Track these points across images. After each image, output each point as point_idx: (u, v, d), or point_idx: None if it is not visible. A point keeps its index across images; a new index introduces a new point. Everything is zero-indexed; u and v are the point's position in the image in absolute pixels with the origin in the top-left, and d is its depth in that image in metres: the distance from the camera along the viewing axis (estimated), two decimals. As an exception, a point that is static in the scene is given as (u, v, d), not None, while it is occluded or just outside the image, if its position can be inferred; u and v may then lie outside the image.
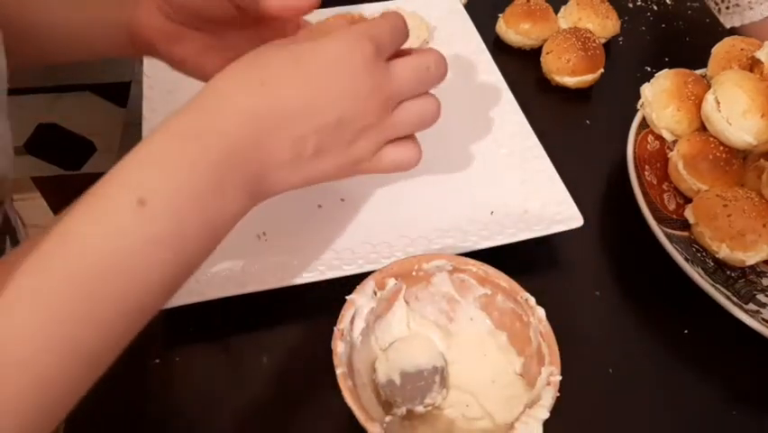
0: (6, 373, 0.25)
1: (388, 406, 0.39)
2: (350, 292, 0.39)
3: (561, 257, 0.51)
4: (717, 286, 0.46)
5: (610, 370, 0.45)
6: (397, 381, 0.39)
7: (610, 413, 0.43)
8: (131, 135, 0.57)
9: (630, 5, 0.76)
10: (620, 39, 0.71)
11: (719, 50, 0.59)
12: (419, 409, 0.38)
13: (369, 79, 0.33)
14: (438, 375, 0.40)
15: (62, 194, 0.87)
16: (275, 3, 0.38)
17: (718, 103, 0.51)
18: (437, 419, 0.40)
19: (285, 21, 0.41)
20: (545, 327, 0.38)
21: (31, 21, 0.42)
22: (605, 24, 0.68)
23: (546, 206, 0.51)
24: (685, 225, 0.51)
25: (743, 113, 0.50)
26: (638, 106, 0.57)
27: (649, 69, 0.67)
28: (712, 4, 0.77)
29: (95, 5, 0.43)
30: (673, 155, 0.54)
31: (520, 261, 0.44)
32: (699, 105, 0.54)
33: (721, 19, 0.76)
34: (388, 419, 0.37)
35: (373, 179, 0.54)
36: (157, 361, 0.43)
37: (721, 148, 0.52)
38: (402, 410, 0.38)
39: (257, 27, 0.42)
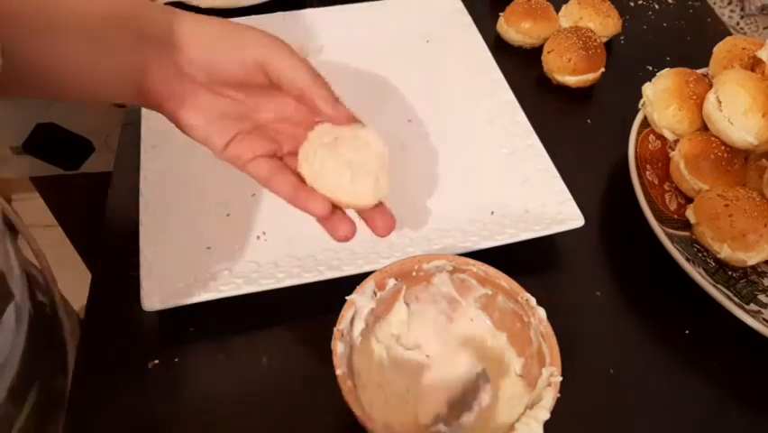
0: None
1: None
2: (350, 292, 0.39)
3: (561, 257, 0.51)
4: (719, 286, 0.46)
5: (611, 370, 0.45)
6: (444, 410, 0.39)
7: (611, 414, 0.43)
8: (129, 134, 0.57)
9: (631, 4, 0.76)
10: (621, 38, 0.71)
11: (721, 49, 0.59)
12: (473, 415, 0.38)
13: None
14: (482, 379, 0.40)
15: (61, 194, 0.87)
16: (329, 110, 0.37)
17: (720, 102, 0.51)
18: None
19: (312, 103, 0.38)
20: (546, 327, 0.38)
21: (37, 57, 0.35)
22: (606, 23, 0.68)
23: (547, 205, 0.50)
24: (686, 225, 0.51)
25: (744, 112, 0.50)
26: (639, 106, 0.57)
27: (650, 68, 0.67)
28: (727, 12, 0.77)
29: (109, 47, 0.36)
30: (675, 155, 0.54)
31: (521, 261, 0.44)
32: (700, 104, 0.54)
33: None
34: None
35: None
36: (156, 361, 0.43)
37: (723, 148, 0.52)
38: (468, 419, 0.38)
39: (282, 101, 0.40)
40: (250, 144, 0.38)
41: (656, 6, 0.76)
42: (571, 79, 0.63)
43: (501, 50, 0.68)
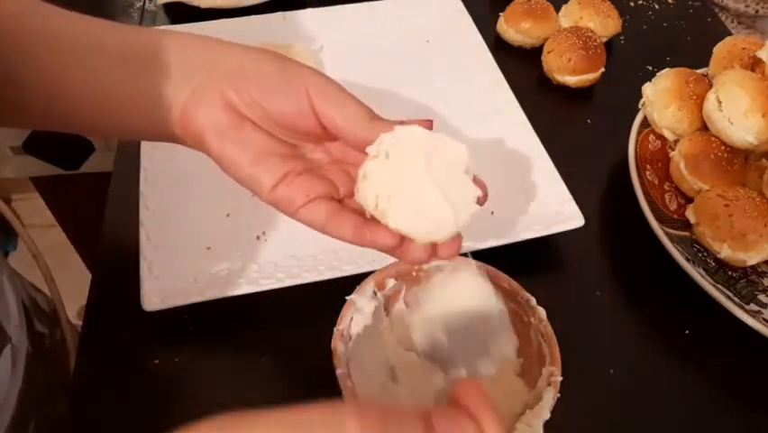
0: None
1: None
2: (350, 292, 0.39)
3: (561, 257, 0.51)
4: (719, 286, 0.46)
5: (611, 370, 0.45)
6: (445, 341, 0.29)
7: (611, 414, 0.43)
8: (130, 135, 0.57)
9: (632, 4, 0.76)
10: (621, 38, 0.71)
11: (721, 49, 0.59)
12: (487, 369, 0.29)
13: None
14: (502, 320, 0.30)
15: (61, 194, 0.87)
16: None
17: (720, 102, 0.51)
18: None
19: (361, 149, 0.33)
20: (546, 327, 0.38)
21: (68, 88, 0.34)
22: (606, 23, 0.68)
23: (547, 205, 0.50)
24: (686, 225, 0.51)
25: (744, 112, 0.50)
26: (639, 106, 0.57)
27: (650, 68, 0.67)
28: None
29: (152, 76, 0.34)
30: (675, 155, 0.54)
31: (521, 261, 0.44)
32: (700, 104, 0.54)
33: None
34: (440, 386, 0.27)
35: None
36: (156, 361, 0.43)
37: (723, 148, 0.52)
38: (461, 373, 0.28)
39: (334, 144, 0.36)
40: (304, 185, 0.33)
41: (656, 6, 0.76)
42: (571, 79, 0.63)
43: (501, 50, 0.68)
